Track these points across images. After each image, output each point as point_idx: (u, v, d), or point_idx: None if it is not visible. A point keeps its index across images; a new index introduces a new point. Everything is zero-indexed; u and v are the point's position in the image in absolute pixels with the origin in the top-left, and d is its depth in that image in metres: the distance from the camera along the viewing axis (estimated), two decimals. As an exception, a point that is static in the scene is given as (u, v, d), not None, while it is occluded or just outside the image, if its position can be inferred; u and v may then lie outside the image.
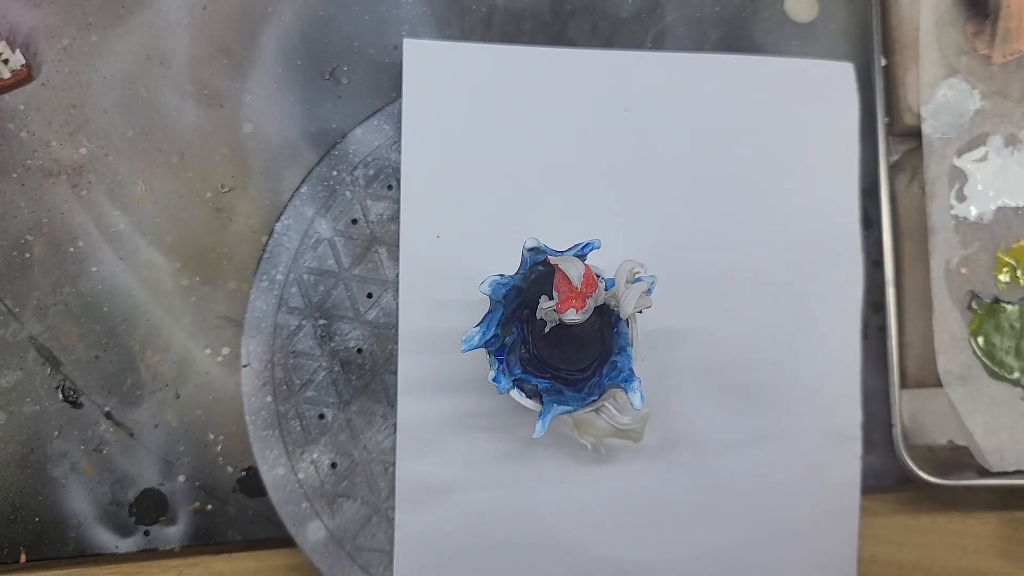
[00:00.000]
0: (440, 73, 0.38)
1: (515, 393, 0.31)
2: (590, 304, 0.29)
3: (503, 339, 0.32)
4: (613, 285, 0.31)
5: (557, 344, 0.34)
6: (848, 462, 0.38)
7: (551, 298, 0.30)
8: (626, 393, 0.30)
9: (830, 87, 0.40)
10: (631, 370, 0.30)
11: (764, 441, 0.38)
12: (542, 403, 0.31)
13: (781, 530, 0.37)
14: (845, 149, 0.40)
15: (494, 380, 0.31)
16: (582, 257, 0.31)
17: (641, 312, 0.30)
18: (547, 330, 0.32)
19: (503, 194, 0.38)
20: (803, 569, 0.37)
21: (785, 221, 0.39)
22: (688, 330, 0.37)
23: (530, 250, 0.31)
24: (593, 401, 0.31)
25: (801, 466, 0.38)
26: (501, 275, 0.31)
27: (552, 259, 0.30)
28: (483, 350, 0.31)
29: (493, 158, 0.38)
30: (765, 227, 0.39)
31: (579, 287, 0.29)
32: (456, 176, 0.37)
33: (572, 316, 0.29)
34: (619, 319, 0.31)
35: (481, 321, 0.31)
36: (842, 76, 0.40)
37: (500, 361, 0.31)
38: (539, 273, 0.32)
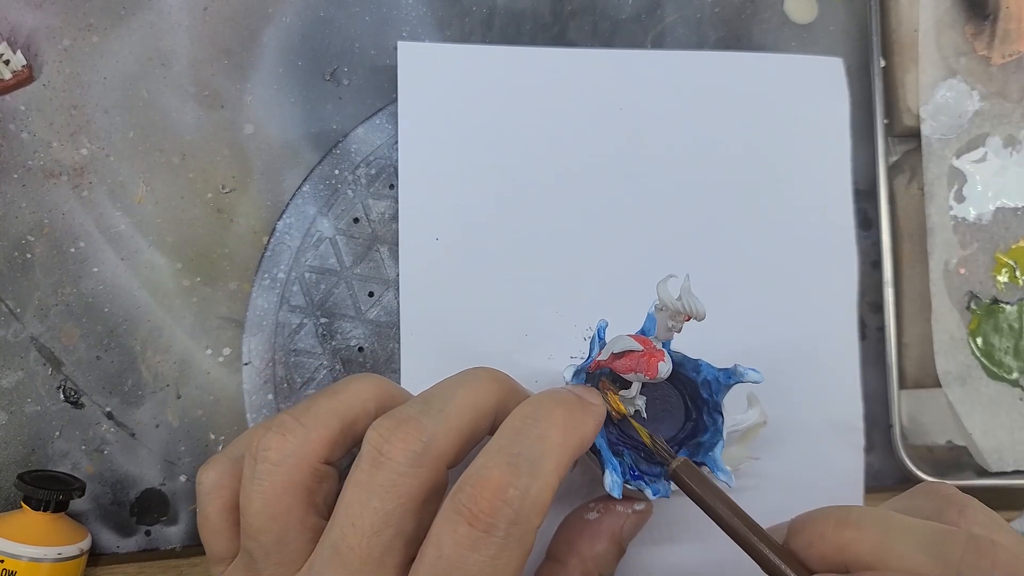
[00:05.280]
0: (435, 75, 0.38)
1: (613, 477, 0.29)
2: (665, 349, 0.28)
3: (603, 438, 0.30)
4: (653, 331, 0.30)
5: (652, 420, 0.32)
6: (851, 453, 0.38)
7: (626, 386, 0.29)
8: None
9: (820, 83, 0.40)
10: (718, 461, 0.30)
11: (764, 436, 0.38)
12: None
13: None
14: (837, 144, 0.40)
15: (609, 489, 0.28)
16: (602, 338, 0.30)
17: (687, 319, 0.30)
18: (634, 412, 0.31)
19: (501, 195, 0.38)
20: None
21: (778, 216, 0.39)
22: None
23: (598, 330, 0.30)
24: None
25: (803, 459, 0.38)
26: (578, 362, 0.30)
27: (599, 360, 0.29)
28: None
29: (490, 159, 0.38)
30: (759, 222, 0.39)
31: (641, 348, 0.28)
32: (454, 178, 0.38)
33: (665, 367, 0.28)
34: (715, 410, 0.31)
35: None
36: (832, 71, 0.40)
37: (610, 462, 0.29)
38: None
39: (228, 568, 0.28)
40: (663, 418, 0.33)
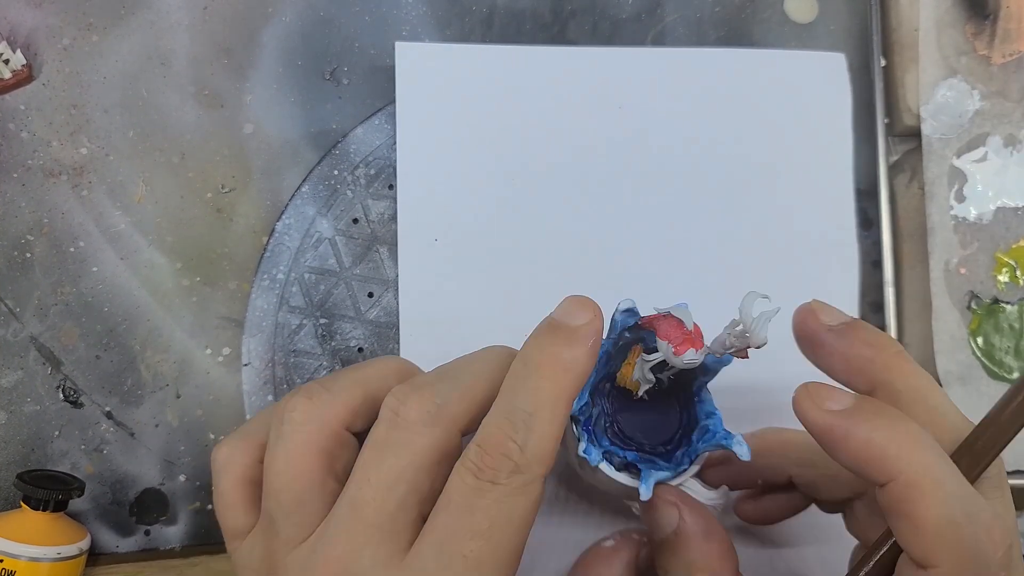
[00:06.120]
0: (433, 76, 0.38)
1: (604, 466, 0.30)
2: (704, 348, 0.28)
3: (590, 410, 0.31)
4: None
5: (637, 418, 0.32)
6: None
7: (652, 351, 0.29)
8: (731, 448, 0.29)
9: (822, 78, 0.40)
10: (727, 430, 0.29)
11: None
12: (637, 472, 0.30)
13: (785, 526, 0.37)
14: (838, 141, 0.40)
15: (584, 452, 0.30)
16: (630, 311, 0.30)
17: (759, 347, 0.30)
18: (640, 394, 0.31)
19: (500, 195, 0.38)
20: (806, 563, 0.38)
21: (779, 215, 0.39)
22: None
23: (624, 311, 0.30)
24: (684, 470, 0.30)
25: None
26: None
27: (657, 311, 0.29)
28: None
29: (488, 159, 0.38)
30: (760, 221, 0.39)
31: (691, 328, 0.28)
32: (453, 178, 0.38)
33: (692, 356, 0.28)
34: (701, 388, 0.31)
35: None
36: (834, 67, 0.40)
37: (588, 432, 0.30)
38: (625, 341, 0.31)
39: (246, 539, 0.28)
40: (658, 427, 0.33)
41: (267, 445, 0.27)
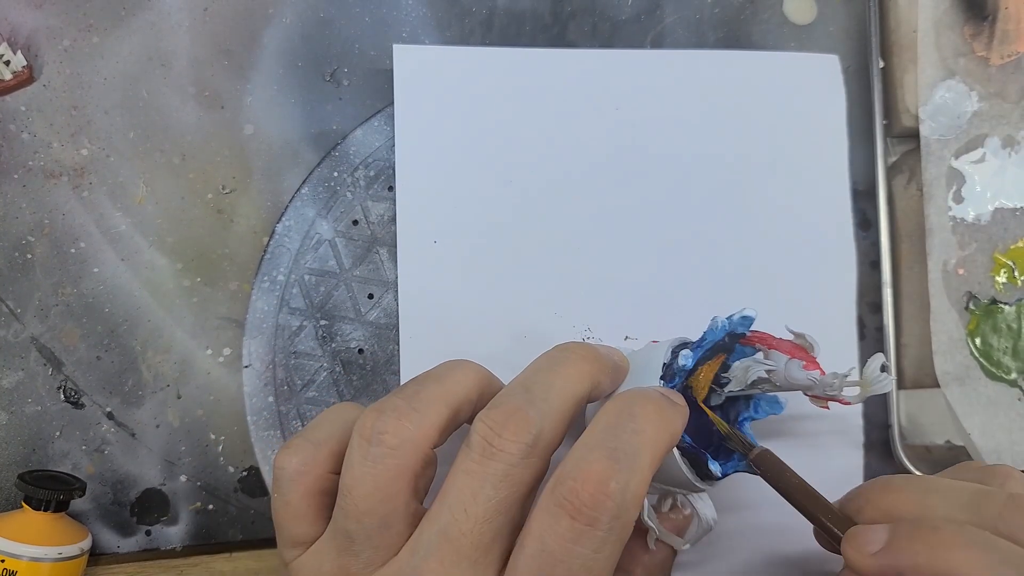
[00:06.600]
0: (431, 78, 0.38)
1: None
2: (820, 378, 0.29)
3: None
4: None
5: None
6: (850, 453, 0.38)
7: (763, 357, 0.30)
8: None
9: (817, 80, 0.40)
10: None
11: (764, 434, 0.38)
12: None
13: (784, 526, 0.37)
14: (834, 142, 0.40)
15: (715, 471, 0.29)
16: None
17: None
18: (725, 395, 0.31)
19: (499, 196, 0.38)
20: (806, 562, 0.38)
21: (777, 216, 0.39)
22: (681, 328, 0.37)
23: (743, 317, 0.30)
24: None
25: (802, 459, 0.38)
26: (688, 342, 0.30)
27: (764, 336, 0.29)
28: None
29: (487, 161, 0.38)
30: (757, 222, 0.39)
31: (815, 355, 0.29)
32: (452, 180, 0.38)
33: (813, 377, 0.28)
34: (744, 422, 0.31)
35: (696, 348, 0.30)
36: (828, 68, 0.40)
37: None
38: (716, 346, 0.31)
39: (309, 550, 0.28)
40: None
41: (348, 462, 0.26)
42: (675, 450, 0.29)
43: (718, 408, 0.32)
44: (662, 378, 0.29)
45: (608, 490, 0.24)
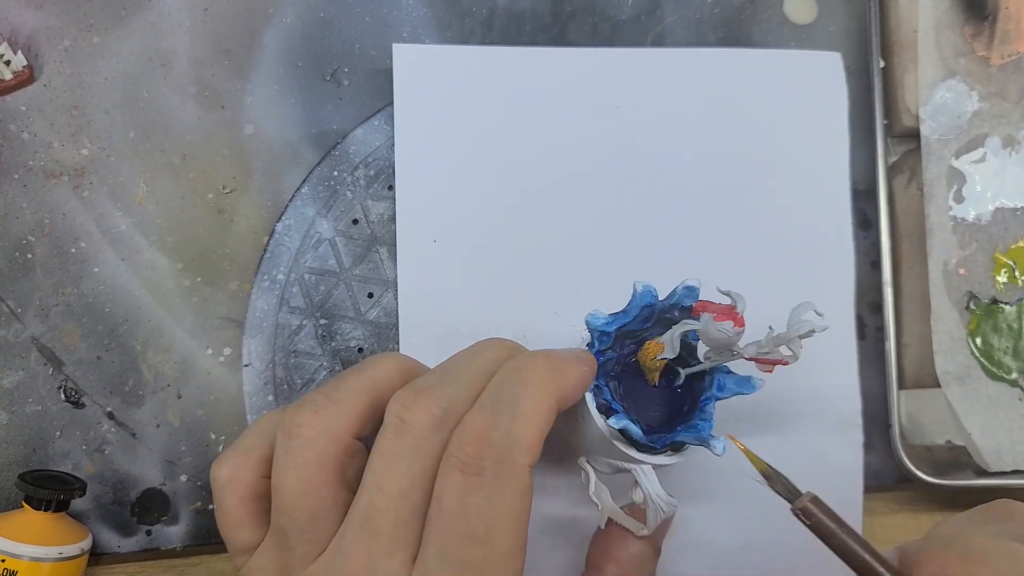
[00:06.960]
0: (431, 77, 0.38)
1: (590, 399, 0.29)
2: (743, 329, 0.28)
3: (606, 355, 0.31)
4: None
5: (633, 397, 0.32)
6: (850, 453, 0.38)
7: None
8: (708, 444, 0.28)
9: (819, 78, 0.40)
10: (711, 434, 0.29)
11: (764, 434, 0.38)
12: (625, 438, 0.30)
13: (783, 524, 0.37)
14: (835, 140, 0.40)
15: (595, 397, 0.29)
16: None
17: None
18: (684, 376, 0.31)
19: (499, 196, 0.38)
20: (806, 562, 0.38)
21: (777, 212, 0.39)
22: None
23: (687, 287, 0.30)
24: (655, 449, 0.30)
25: (803, 459, 0.38)
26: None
27: (720, 291, 0.29)
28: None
29: (487, 160, 0.38)
30: (757, 222, 0.39)
31: (740, 312, 0.28)
32: (451, 180, 0.38)
33: (729, 329, 0.28)
34: (708, 402, 0.30)
35: (617, 313, 0.30)
36: (830, 66, 0.40)
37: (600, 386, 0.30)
38: (668, 319, 0.30)
39: (255, 554, 0.28)
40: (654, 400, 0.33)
41: (274, 461, 0.27)
42: (592, 408, 0.29)
43: (683, 388, 0.31)
44: (588, 344, 0.30)
45: (489, 438, 0.25)
